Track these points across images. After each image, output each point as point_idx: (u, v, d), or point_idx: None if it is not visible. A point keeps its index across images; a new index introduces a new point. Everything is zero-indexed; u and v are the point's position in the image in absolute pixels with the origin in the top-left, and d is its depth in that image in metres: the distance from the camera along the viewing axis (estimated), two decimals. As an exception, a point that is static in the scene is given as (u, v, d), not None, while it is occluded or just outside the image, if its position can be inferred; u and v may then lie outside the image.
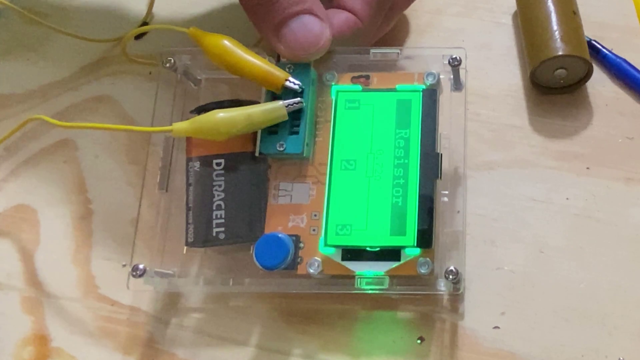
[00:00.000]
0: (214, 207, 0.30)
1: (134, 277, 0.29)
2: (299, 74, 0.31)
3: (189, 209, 0.31)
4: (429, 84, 0.31)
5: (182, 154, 0.32)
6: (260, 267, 0.28)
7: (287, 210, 0.30)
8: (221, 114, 0.29)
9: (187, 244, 0.30)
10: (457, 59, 0.31)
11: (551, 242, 0.32)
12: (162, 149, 0.32)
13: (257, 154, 0.30)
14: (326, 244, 0.29)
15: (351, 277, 0.29)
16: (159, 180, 0.31)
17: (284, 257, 0.28)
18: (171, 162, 0.32)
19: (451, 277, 0.28)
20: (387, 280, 0.29)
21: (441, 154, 0.30)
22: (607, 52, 0.36)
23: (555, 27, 0.34)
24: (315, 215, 0.30)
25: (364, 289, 0.29)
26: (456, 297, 0.31)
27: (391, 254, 0.29)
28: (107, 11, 0.40)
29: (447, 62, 0.31)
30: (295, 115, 0.30)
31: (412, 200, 0.29)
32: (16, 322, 0.32)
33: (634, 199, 0.33)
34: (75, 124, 0.31)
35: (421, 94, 0.31)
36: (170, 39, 0.36)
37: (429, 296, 0.31)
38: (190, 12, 0.39)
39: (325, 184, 0.30)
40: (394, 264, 0.29)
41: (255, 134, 0.30)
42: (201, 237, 0.30)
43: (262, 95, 0.31)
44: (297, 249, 0.29)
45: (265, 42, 0.33)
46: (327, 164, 0.30)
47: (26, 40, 0.39)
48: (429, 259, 0.29)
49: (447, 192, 0.30)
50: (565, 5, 0.35)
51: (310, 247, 0.29)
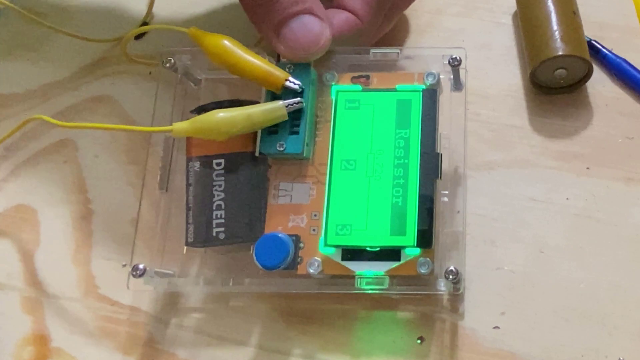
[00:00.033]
0: (214, 207, 0.30)
1: (134, 277, 0.29)
2: (299, 74, 0.31)
3: (189, 209, 0.31)
4: (429, 84, 0.31)
5: (182, 154, 0.32)
6: (260, 267, 0.28)
7: (287, 210, 0.30)
8: (221, 114, 0.29)
9: (187, 244, 0.30)
10: (457, 59, 0.31)
11: (551, 242, 0.32)
12: (162, 149, 0.32)
13: (257, 154, 0.30)
14: (326, 244, 0.29)
15: (351, 277, 0.29)
16: (159, 180, 0.31)
17: (284, 257, 0.28)
18: (171, 162, 0.32)
19: (451, 277, 0.28)
20: (387, 280, 0.29)
21: (441, 154, 0.30)
22: (607, 52, 0.36)
23: (555, 27, 0.34)
24: (315, 215, 0.30)
25: (364, 289, 0.29)
26: (456, 297, 0.31)
27: (391, 254, 0.29)
28: (107, 11, 0.40)
29: (447, 62, 0.31)
30: (295, 115, 0.30)
31: (412, 200, 0.29)
32: (16, 322, 0.32)
33: (634, 199, 0.33)
34: (75, 124, 0.31)
35: (421, 94, 0.31)
36: (170, 39, 0.36)
37: (429, 296, 0.31)
38: (190, 12, 0.39)
39: (325, 184, 0.30)
40: (394, 264, 0.29)
41: (255, 134, 0.30)
42: (201, 237, 0.30)
43: (262, 95, 0.31)
44: (297, 249, 0.29)
45: (265, 42, 0.33)
46: (327, 164, 0.30)
47: (26, 40, 0.39)
48: (429, 259, 0.29)
49: (447, 192, 0.30)
50: (565, 5, 0.35)
51: (310, 247, 0.29)
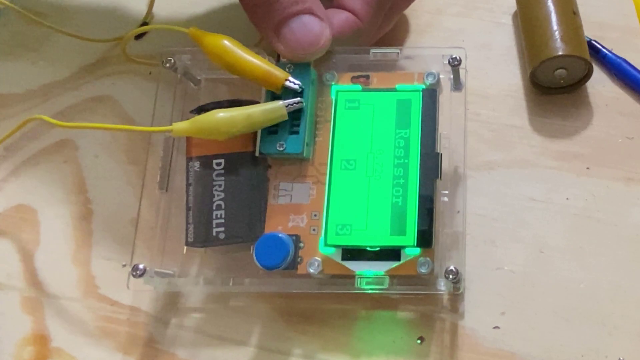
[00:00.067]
0: (214, 207, 0.30)
1: (134, 277, 0.29)
2: (299, 74, 0.31)
3: (189, 209, 0.31)
4: (429, 84, 0.31)
5: (182, 154, 0.32)
6: (260, 267, 0.28)
7: (287, 210, 0.30)
8: (221, 114, 0.29)
9: (187, 244, 0.30)
10: (457, 58, 0.31)
11: (551, 242, 0.32)
12: (162, 149, 0.32)
13: (257, 154, 0.30)
14: (326, 244, 0.29)
15: (351, 276, 0.29)
16: (159, 180, 0.31)
17: (284, 257, 0.28)
18: (171, 162, 0.32)
19: (451, 276, 0.28)
20: (387, 280, 0.29)
21: (441, 154, 0.30)
22: (607, 52, 0.36)
23: (555, 27, 0.34)
24: (315, 215, 0.30)
25: (364, 289, 0.29)
26: (456, 297, 0.31)
27: (391, 253, 0.29)
28: (107, 11, 0.40)
29: (447, 62, 0.31)
30: (295, 115, 0.30)
31: (412, 200, 0.29)
32: (16, 322, 0.32)
33: (634, 199, 0.33)
34: (75, 124, 0.31)
35: (421, 93, 0.31)
36: (170, 39, 0.36)
37: (429, 296, 0.31)
38: (190, 12, 0.39)
39: (325, 184, 0.30)
40: (394, 264, 0.29)
41: (255, 134, 0.30)
42: (201, 237, 0.30)
43: (262, 95, 0.31)
44: (297, 248, 0.29)
45: (265, 42, 0.33)
46: (327, 164, 0.30)
47: (26, 40, 0.39)
48: (429, 259, 0.29)
49: (447, 192, 0.30)
50: (565, 5, 0.35)
51: (310, 247, 0.29)
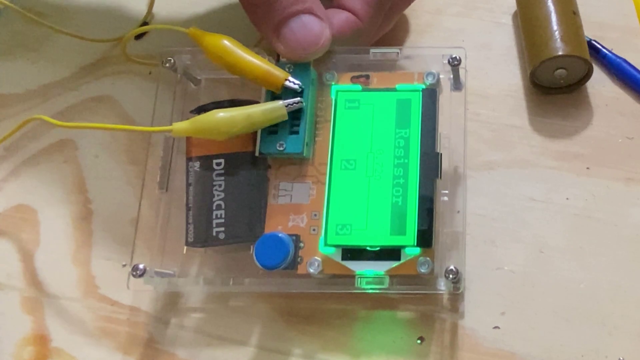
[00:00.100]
0: (214, 207, 0.30)
1: (134, 277, 0.29)
2: (299, 74, 0.30)
3: (189, 209, 0.31)
4: (428, 84, 0.31)
5: (182, 154, 0.31)
6: (260, 267, 0.28)
7: (287, 210, 0.30)
8: (221, 114, 0.29)
9: (187, 244, 0.30)
10: (457, 58, 0.31)
11: (551, 242, 0.32)
12: (162, 149, 0.32)
13: (257, 154, 0.30)
14: (326, 244, 0.29)
15: (351, 276, 0.29)
16: (159, 180, 0.31)
17: (284, 257, 0.28)
18: (171, 162, 0.32)
19: (451, 276, 0.28)
20: (387, 279, 0.29)
21: (441, 154, 0.30)
22: (607, 52, 0.36)
23: (555, 27, 0.34)
24: (315, 215, 0.30)
25: (364, 289, 0.29)
26: (456, 297, 0.31)
27: (391, 253, 0.29)
28: (107, 11, 0.40)
29: (447, 61, 0.31)
30: (295, 115, 0.30)
31: (412, 200, 0.29)
32: (16, 322, 0.32)
33: (634, 199, 0.33)
34: (75, 124, 0.31)
35: (421, 93, 0.31)
36: (170, 39, 0.36)
37: (429, 296, 0.31)
38: (190, 12, 0.39)
39: (325, 184, 0.30)
40: (394, 264, 0.29)
41: (255, 134, 0.30)
42: (201, 237, 0.30)
43: (262, 95, 0.31)
44: (297, 248, 0.29)
45: (265, 42, 0.33)
46: (327, 164, 0.30)
47: (26, 40, 0.39)
48: (429, 259, 0.29)
49: (447, 192, 0.30)
50: (565, 5, 0.35)
51: (310, 247, 0.29)
